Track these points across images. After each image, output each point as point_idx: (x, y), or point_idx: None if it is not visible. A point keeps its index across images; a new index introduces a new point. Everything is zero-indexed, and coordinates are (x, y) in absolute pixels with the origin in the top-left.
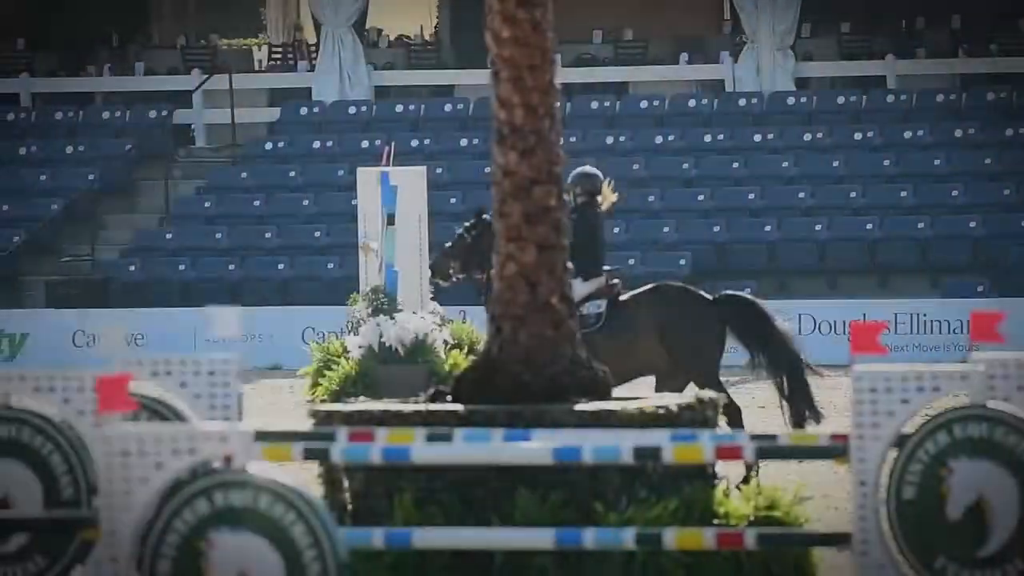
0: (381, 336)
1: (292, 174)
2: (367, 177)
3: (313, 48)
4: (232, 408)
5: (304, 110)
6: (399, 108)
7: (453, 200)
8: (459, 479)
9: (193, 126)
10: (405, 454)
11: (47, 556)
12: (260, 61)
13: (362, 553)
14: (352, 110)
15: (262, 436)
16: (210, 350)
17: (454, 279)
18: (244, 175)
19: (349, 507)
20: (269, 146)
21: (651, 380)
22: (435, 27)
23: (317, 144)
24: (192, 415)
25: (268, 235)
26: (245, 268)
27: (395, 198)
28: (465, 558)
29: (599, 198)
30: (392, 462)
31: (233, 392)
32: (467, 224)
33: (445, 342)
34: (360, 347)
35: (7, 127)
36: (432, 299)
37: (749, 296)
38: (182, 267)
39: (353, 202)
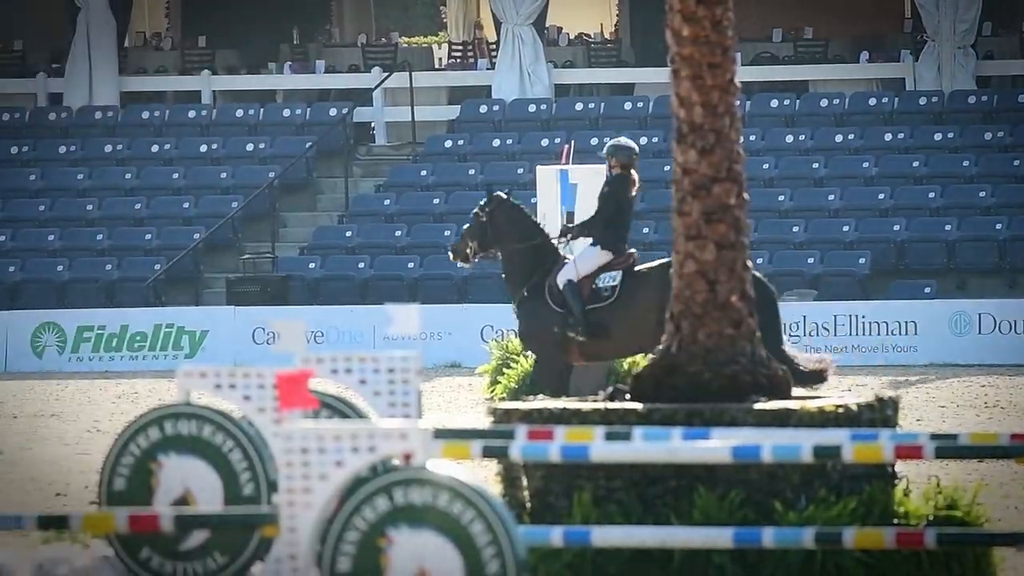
0: None
1: (471, 172)
2: (547, 175)
3: (493, 46)
4: (412, 406)
5: (484, 108)
6: (579, 106)
7: None
8: (638, 477)
9: (373, 124)
10: (584, 452)
11: (227, 553)
12: (440, 59)
13: (540, 551)
14: (532, 108)
15: (441, 434)
16: (389, 347)
17: (475, 259)
18: (424, 173)
19: (528, 505)
20: (449, 144)
21: None
22: (615, 25)
23: (497, 142)
24: (372, 412)
25: (447, 233)
26: (425, 266)
27: (574, 196)
28: (643, 557)
29: (633, 171)
30: (571, 460)
31: (413, 390)
32: (481, 203)
33: None
34: None
35: (189, 125)
36: None
37: (762, 277)
38: (361, 265)
39: (533, 200)
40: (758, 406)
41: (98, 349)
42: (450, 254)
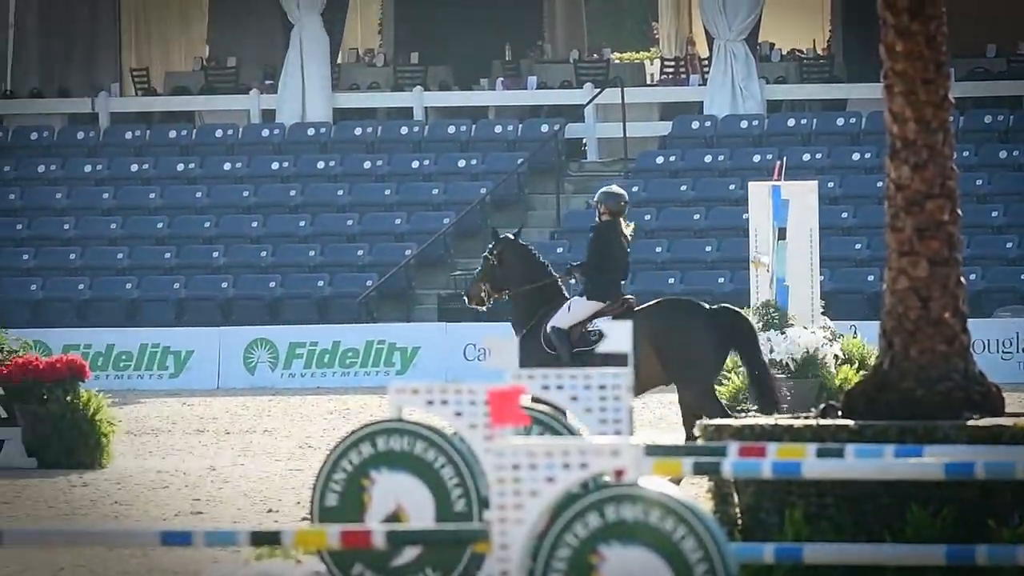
0: (772, 350)
1: (683, 188)
2: (759, 191)
3: (705, 62)
4: (623, 422)
5: (695, 124)
6: (791, 122)
7: (844, 215)
8: (850, 494)
9: (585, 140)
10: (796, 469)
11: (439, 569)
12: (652, 75)
13: (752, 568)
14: (743, 124)
15: (653, 450)
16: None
17: (489, 301)
18: (635, 189)
19: (739, 522)
20: (660, 160)
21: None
22: (828, 40)
23: (708, 158)
24: (583, 429)
25: (659, 249)
26: (637, 282)
27: (786, 212)
28: (855, 574)
29: (622, 219)
30: (782, 476)
31: (624, 406)
32: (490, 246)
33: (836, 357)
34: None
35: (401, 141)
36: (823, 314)
37: (738, 310)
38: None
39: (744, 216)
40: (971, 423)
41: (310, 365)
42: (465, 298)
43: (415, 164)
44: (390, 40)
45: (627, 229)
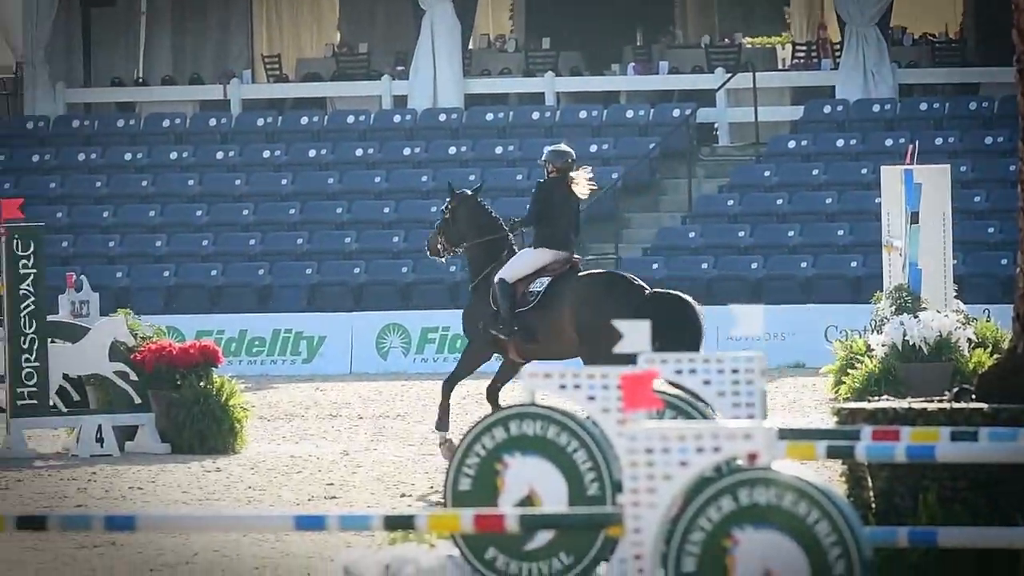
0: (905, 334)
1: (815, 172)
2: (891, 175)
3: (837, 46)
4: (756, 406)
5: (827, 108)
6: (923, 106)
7: (977, 199)
8: (984, 478)
9: (716, 124)
10: (930, 452)
11: (572, 553)
12: (784, 59)
13: (886, 551)
14: (875, 108)
15: (786, 434)
16: (733, 348)
17: (445, 254)
18: (767, 173)
19: (872, 505)
20: (792, 144)
21: None
22: (960, 24)
23: (840, 142)
24: (716, 412)
25: (791, 233)
26: (768, 266)
27: (919, 196)
28: (990, 558)
29: (571, 174)
30: (916, 460)
31: (756, 390)
32: (447, 200)
33: (969, 340)
34: (883, 345)
35: (533, 126)
36: (956, 297)
37: (686, 297)
38: (705, 265)
39: (877, 200)
40: None
41: (442, 350)
42: (427, 250)
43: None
44: (521, 26)
45: (578, 186)
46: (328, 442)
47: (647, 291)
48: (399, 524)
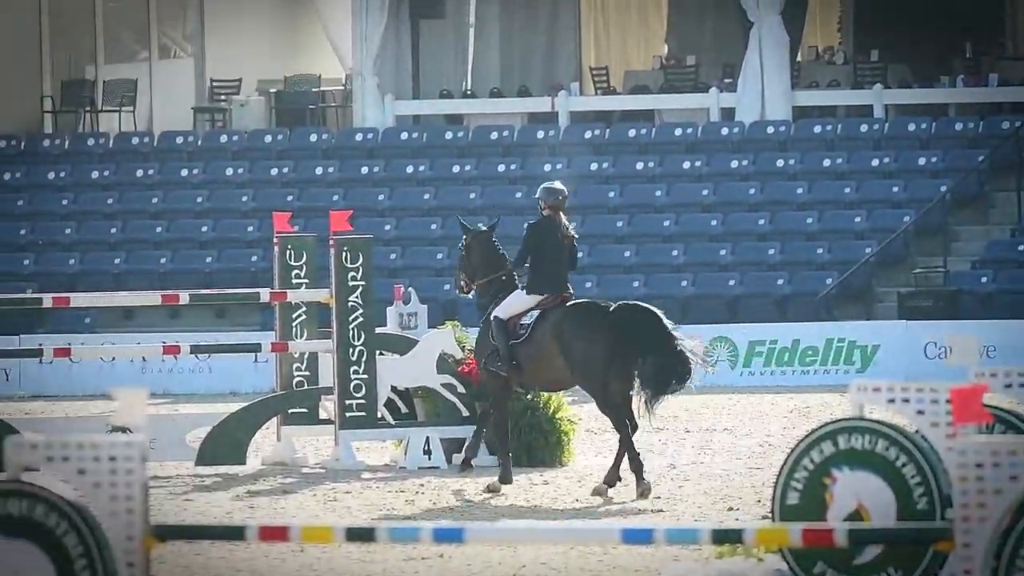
0: None
1: None
2: None
3: None
4: None
5: None
6: None
7: None
8: None
9: None
10: None
11: (901, 568)
12: None
13: None
14: None
15: None
16: None
17: (469, 289)
18: None
19: None
20: None
21: None
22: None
23: None
24: None
25: None
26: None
27: None
28: None
29: (561, 214)
30: None
31: None
32: (463, 237)
33: None
34: None
35: (861, 139)
36: None
37: (648, 307)
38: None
39: None
40: None
41: (769, 363)
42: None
43: (875, 162)
44: (849, 38)
45: (568, 227)
46: (655, 455)
47: (611, 307)
48: (727, 538)
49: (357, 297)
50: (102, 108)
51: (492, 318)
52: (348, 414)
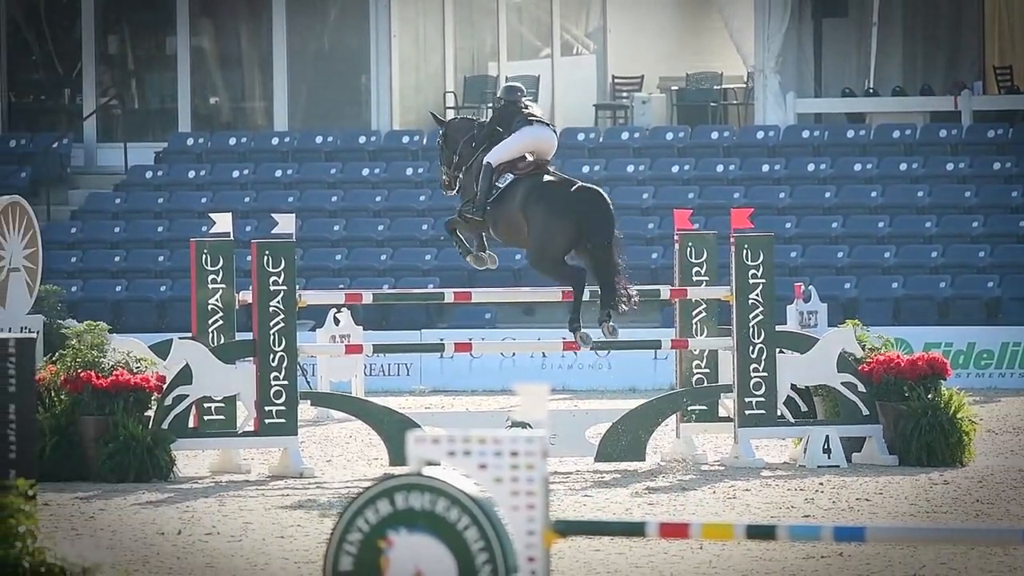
0: None
1: None
2: None
3: None
4: None
5: None
6: None
7: None
8: None
9: None
10: None
11: None
12: None
13: None
14: None
15: None
16: None
17: (452, 184)
18: None
19: None
20: None
21: None
22: None
23: None
24: None
25: None
26: None
27: None
28: None
29: (520, 103)
30: None
31: None
32: (440, 132)
33: None
34: None
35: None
36: None
37: (600, 190)
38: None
39: None
40: None
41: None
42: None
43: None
44: None
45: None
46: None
47: (574, 186)
48: None
49: (757, 295)
50: None
51: (484, 164)
52: (748, 412)
